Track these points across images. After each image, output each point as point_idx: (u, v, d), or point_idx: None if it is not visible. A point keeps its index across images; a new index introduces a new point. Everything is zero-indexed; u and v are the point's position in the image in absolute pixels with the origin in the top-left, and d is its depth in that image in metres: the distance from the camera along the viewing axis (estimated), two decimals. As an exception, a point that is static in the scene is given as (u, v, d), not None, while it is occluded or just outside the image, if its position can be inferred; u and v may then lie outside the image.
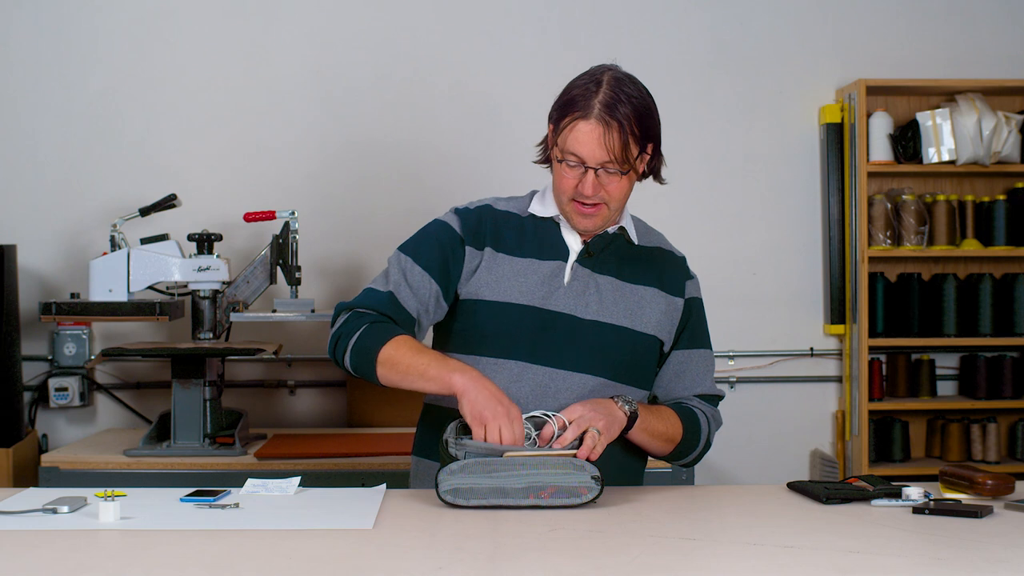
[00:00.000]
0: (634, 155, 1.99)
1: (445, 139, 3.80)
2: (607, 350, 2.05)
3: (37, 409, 3.76)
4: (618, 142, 1.95)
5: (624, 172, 1.98)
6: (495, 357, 2.03)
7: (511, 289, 2.05)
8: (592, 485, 1.82)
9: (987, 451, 3.84)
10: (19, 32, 3.79)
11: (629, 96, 1.97)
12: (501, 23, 3.86)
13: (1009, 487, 1.89)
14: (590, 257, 2.08)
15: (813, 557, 1.55)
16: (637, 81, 2.02)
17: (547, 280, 2.06)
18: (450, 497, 1.81)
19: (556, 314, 2.04)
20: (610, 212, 2.04)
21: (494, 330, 2.04)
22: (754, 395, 3.96)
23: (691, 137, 3.92)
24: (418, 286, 2.06)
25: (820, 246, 3.97)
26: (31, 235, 3.73)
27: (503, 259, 2.07)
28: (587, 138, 1.96)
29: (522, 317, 2.03)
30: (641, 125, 1.98)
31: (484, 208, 2.13)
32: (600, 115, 1.95)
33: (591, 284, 2.07)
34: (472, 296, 2.07)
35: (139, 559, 1.57)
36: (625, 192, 2.03)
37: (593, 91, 1.97)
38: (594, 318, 2.05)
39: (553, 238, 2.10)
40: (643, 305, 2.09)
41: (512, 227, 2.10)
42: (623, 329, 2.06)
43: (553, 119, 2.03)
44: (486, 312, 2.05)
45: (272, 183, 3.80)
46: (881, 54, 3.95)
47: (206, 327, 3.32)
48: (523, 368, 2.03)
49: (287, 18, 3.85)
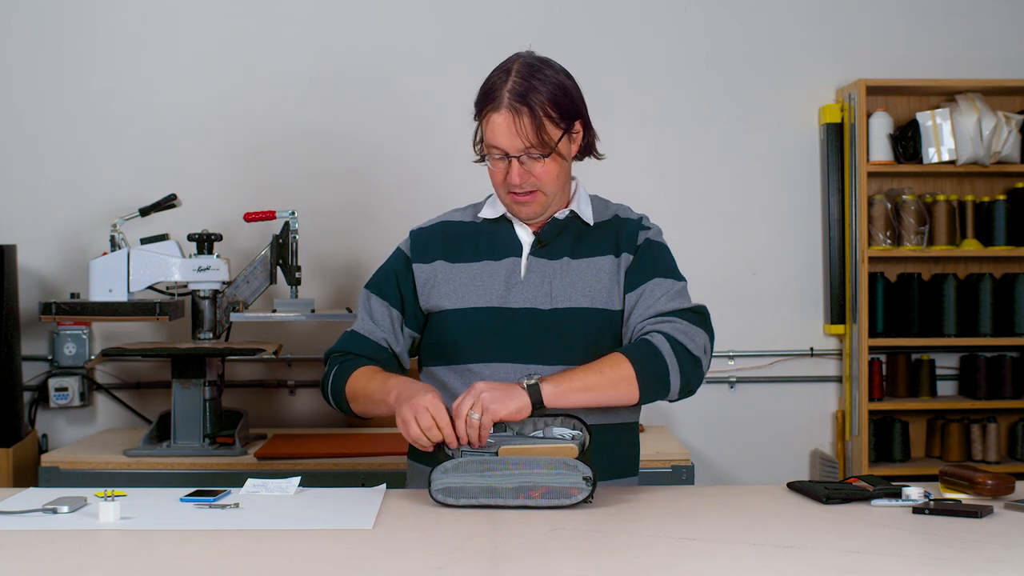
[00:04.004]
0: (554, 137, 1.99)
1: (446, 139, 3.80)
2: (573, 336, 2.03)
3: (37, 409, 3.76)
4: (530, 126, 1.96)
5: (545, 155, 1.99)
6: (465, 363, 2.05)
7: (470, 294, 2.07)
8: (583, 486, 1.82)
9: (987, 451, 3.84)
10: (19, 32, 3.79)
11: (540, 80, 1.97)
12: (501, 23, 3.86)
13: (1009, 487, 1.89)
14: (544, 247, 2.08)
15: (813, 557, 1.55)
16: (551, 63, 2.03)
17: (505, 278, 2.07)
18: (441, 496, 1.83)
19: (517, 310, 2.04)
20: (547, 197, 2.04)
21: (459, 336, 2.05)
22: (754, 395, 3.96)
23: (691, 137, 3.92)
24: (380, 317, 2.13)
25: (820, 246, 3.97)
26: (31, 235, 3.73)
27: (459, 268, 2.09)
28: (500, 128, 1.98)
29: (484, 318, 2.04)
30: (557, 105, 1.98)
31: (439, 224, 2.17)
32: (509, 103, 1.96)
33: (547, 273, 2.07)
34: (435, 308, 2.10)
35: (139, 559, 1.57)
36: (555, 174, 2.02)
37: (503, 80, 1.99)
38: (555, 306, 2.04)
39: (506, 237, 2.11)
40: (602, 279, 2.06)
41: (466, 235, 2.13)
42: (584, 310, 2.04)
43: (475, 113, 2.04)
44: (449, 321, 2.07)
45: (272, 183, 3.80)
46: (881, 54, 3.95)
47: (206, 327, 3.32)
48: (494, 369, 2.03)
49: (287, 18, 3.85)
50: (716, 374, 3.90)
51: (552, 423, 1.95)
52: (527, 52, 2.05)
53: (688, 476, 3.12)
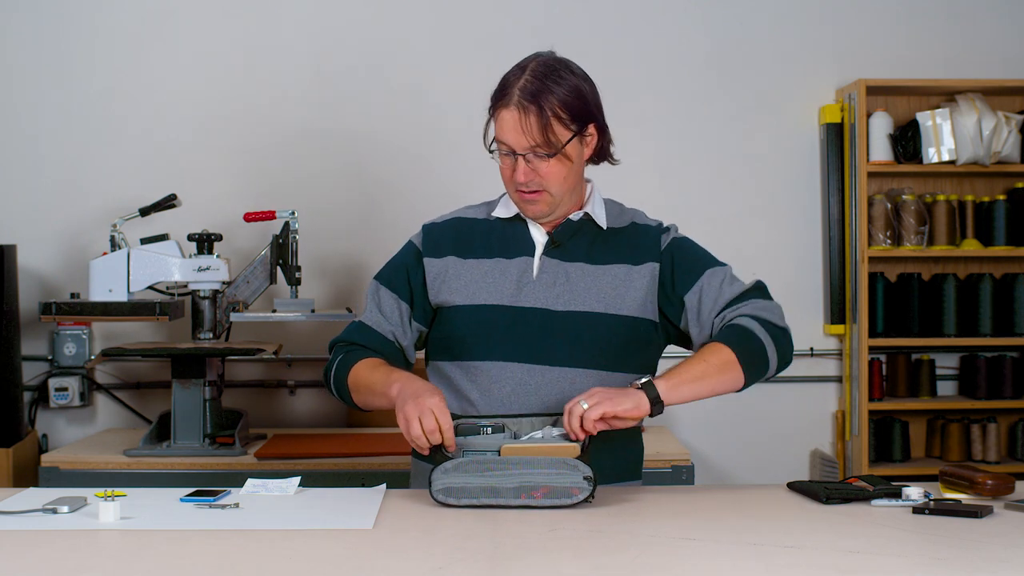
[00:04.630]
0: (562, 138, 1.98)
1: (447, 138, 3.80)
2: (584, 339, 2.02)
3: (37, 409, 3.76)
4: (536, 125, 1.95)
5: (551, 155, 1.98)
6: (473, 360, 2.04)
7: (480, 291, 2.06)
8: (584, 485, 1.82)
9: (987, 451, 3.84)
10: (19, 32, 3.79)
11: (555, 80, 1.97)
12: (501, 24, 3.86)
13: (1009, 487, 1.89)
14: (557, 247, 2.07)
15: (813, 557, 1.55)
16: (570, 65, 2.02)
17: (516, 277, 2.06)
18: (442, 496, 1.82)
19: (527, 309, 2.03)
20: (553, 197, 2.03)
21: (467, 333, 2.05)
22: (754, 395, 3.88)
23: (691, 137, 3.92)
24: (388, 309, 2.12)
25: (820, 246, 3.97)
26: (31, 235, 3.73)
27: (471, 264, 2.09)
28: (508, 125, 1.98)
29: (493, 317, 2.04)
30: (568, 107, 1.97)
31: (452, 220, 2.17)
32: (518, 101, 1.96)
33: (560, 274, 2.06)
34: (444, 303, 2.09)
35: (139, 559, 1.57)
36: (561, 175, 2.01)
37: (517, 78, 1.99)
38: (567, 308, 2.03)
39: (519, 235, 2.10)
40: (618, 286, 2.05)
41: (479, 232, 2.12)
42: (599, 315, 2.03)
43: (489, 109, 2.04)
44: (458, 317, 2.06)
45: (272, 183, 3.80)
46: (881, 54, 3.95)
47: (206, 327, 3.32)
48: (501, 368, 2.02)
49: (287, 18, 3.85)
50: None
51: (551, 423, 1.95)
52: (548, 52, 2.04)
53: (688, 476, 3.13)
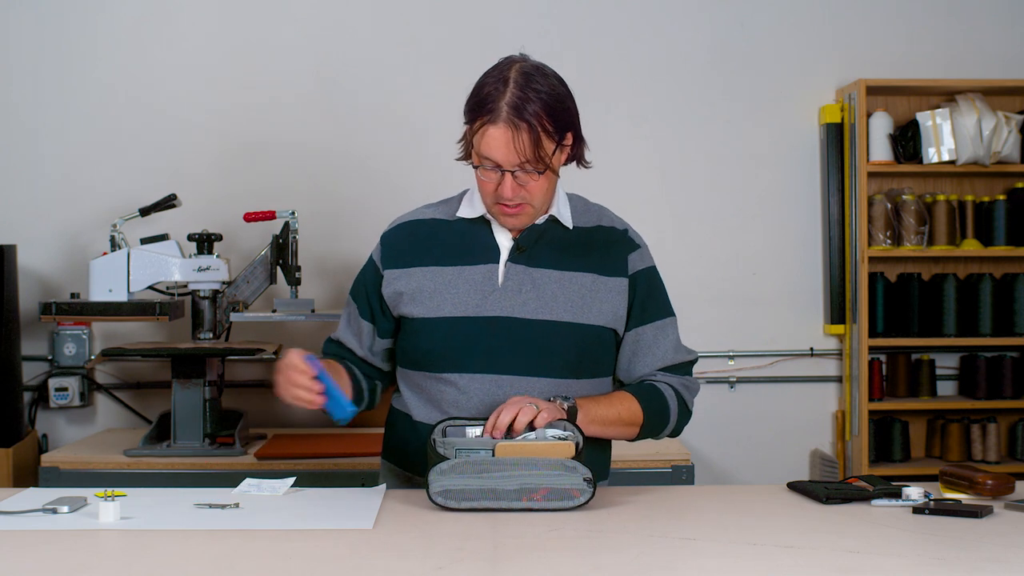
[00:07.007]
0: (550, 151, 1.93)
1: (446, 137, 3.78)
2: (553, 349, 1.98)
3: (37, 409, 3.76)
4: (528, 143, 1.90)
5: (541, 171, 1.93)
6: (439, 372, 2.00)
7: (443, 303, 2.01)
8: (584, 487, 1.81)
9: (987, 451, 3.84)
10: (19, 32, 3.79)
11: (537, 92, 1.91)
12: (501, 24, 3.86)
13: (1009, 487, 1.90)
14: (522, 252, 2.02)
15: (813, 557, 1.55)
16: (547, 71, 1.96)
17: (479, 285, 2.00)
18: (441, 499, 1.80)
19: (493, 319, 1.98)
20: (535, 209, 1.99)
21: (431, 347, 2.01)
22: (754, 395, 3.96)
23: (691, 137, 3.92)
24: (357, 327, 2.15)
25: (820, 246, 3.97)
26: (31, 235, 3.73)
27: (432, 272, 2.03)
28: (497, 143, 1.91)
29: (456, 329, 1.99)
30: (553, 118, 1.92)
31: (409, 223, 2.11)
32: (508, 118, 1.89)
33: (527, 281, 2.00)
34: (407, 315, 2.05)
35: (139, 559, 1.57)
36: (546, 189, 1.97)
37: (501, 91, 1.91)
38: (535, 316, 1.98)
39: (483, 239, 2.04)
40: (585, 295, 2.01)
41: (440, 235, 2.07)
42: (567, 325, 1.99)
43: (467, 119, 1.98)
44: (421, 330, 2.02)
45: (272, 183, 3.80)
46: (881, 54, 3.95)
47: (206, 327, 3.32)
48: (468, 380, 1.98)
49: (287, 18, 3.85)
50: (716, 374, 3.90)
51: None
52: (520, 56, 1.98)
53: (688, 476, 3.12)
